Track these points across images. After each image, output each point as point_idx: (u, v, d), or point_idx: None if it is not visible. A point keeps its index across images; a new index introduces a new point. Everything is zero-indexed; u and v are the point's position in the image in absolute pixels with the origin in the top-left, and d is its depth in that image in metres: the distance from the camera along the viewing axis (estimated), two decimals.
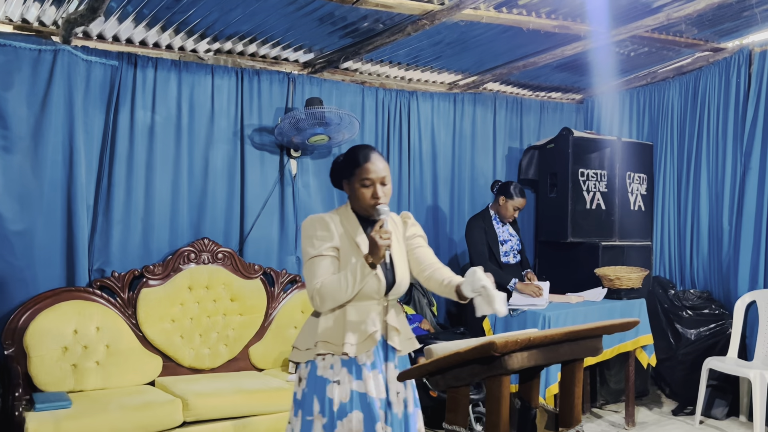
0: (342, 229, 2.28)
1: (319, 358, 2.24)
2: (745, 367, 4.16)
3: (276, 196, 4.44)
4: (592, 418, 4.52)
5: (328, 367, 2.23)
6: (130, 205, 3.95)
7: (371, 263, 2.12)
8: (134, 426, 3.18)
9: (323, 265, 2.22)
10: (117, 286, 3.82)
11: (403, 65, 4.81)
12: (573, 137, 4.96)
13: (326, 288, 2.18)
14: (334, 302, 2.19)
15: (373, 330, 2.21)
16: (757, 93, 4.54)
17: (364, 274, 2.13)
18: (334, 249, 2.24)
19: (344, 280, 2.15)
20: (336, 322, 2.23)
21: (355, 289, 2.15)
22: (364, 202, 2.25)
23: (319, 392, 2.22)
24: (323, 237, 2.24)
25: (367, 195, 2.25)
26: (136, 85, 3.97)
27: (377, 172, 2.24)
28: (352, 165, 2.27)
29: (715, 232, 4.84)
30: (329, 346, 2.22)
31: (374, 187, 2.24)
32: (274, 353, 4.19)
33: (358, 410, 2.17)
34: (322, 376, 2.23)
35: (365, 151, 2.30)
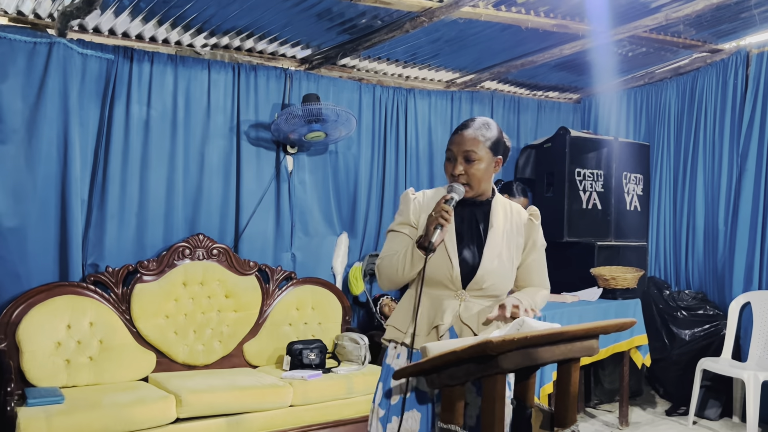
0: (428, 206, 2.07)
1: (391, 345, 2.09)
2: (739, 368, 4.17)
3: (272, 192, 4.43)
4: (585, 418, 4.53)
5: (395, 356, 2.07)
6: (124, 200, 3.93)
7: (420, 244, 1.94)
8: (127, 422, 3.16)
9: (393, 241, 2.07)
10: (111, 282, 3.80)
11: (400, 62, 4.79)
12: (570, 137, 4.95)
13: (383, 265, 2.05)
14: (390, 282, 2.05)
15: (438, 323, 2.00)
16: (754, 95, 4.55)
17: (414, 257, 1.95)
18: (407, 226, 2.07)
19: (397, 260, 2.00)
20: (408, 307, 2.06)
21: (407, 270, 1.97)
22: (447, 176, 2.06)
23: (384, 381, 2.07)
24: (402, 212, 2.10)
25: (448, 169, 2.05)
26: (132, 79, 3.94)
27: (460, 144, 2.01)
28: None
29: (711, 233, 4.85)
30: (395, 332, 2.07)
31: (455, 162, 2.02)
32: (268, 350, 4.18)
33: (416, 409, 1.98)
34: (389, 365, 2.08)
35: (465, 122, 2.08)
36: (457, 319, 2.00)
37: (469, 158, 2.00)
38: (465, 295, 2.01)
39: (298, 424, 3.65)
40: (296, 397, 3.65)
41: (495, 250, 2.03)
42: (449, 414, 1.82)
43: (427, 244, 1.91)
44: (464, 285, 2.00)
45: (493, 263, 2.01)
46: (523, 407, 1.99)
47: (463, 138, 2.01)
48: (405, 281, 2.03)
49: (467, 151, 2.00)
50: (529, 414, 1.99)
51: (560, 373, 1.90)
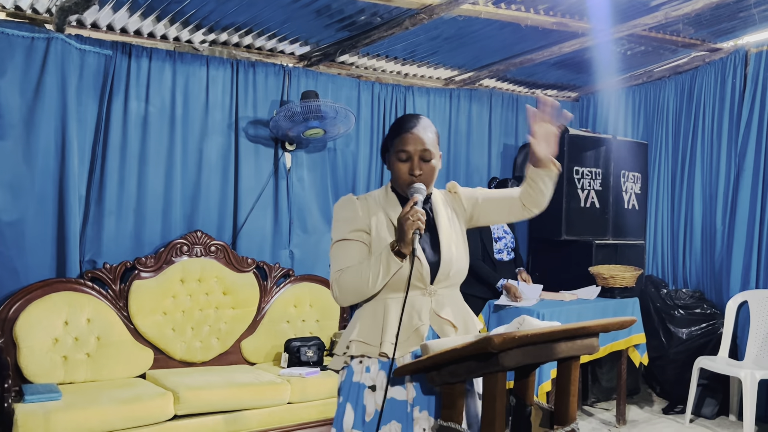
0: (376, 209, 1.98)
1: (356, 361, 1.94)
2: (736, 367, 4.18)
3: (270, 189, 4.42)
4: (583, 416, 4.53)
5: (364, 370, 1.93)
6: (122, 196, 3.92)
7: (397, 251, 1.83)
8: (125, 419, 3.15)
9: (347, 250, 1.93)
10: (108, 278, 3.79)
11: (399, 60, 4.78)
12: (568, 135, 4.95)
13: (346, 278, 1.89)
14: (357, 295, 1.91)
15: (419, 324, 1.90)
16: (752, 94, 4.55)
17: (390, 264, 1.84)
18: (360, 233, 1.94)
19: (366, 270, 1.86)
20: (374, 318, 1.93)
21: (380, 280, 1.85)
22: (400, 179, 1.95)
23: (354, 400, 1.92)
24: (348, 219, 1.96)
25: (403, 170, 1.94)
26: (130, 75, 3.93)
27: (417, 143, 1.92)
28: (391, 135, 1.98)
29: (708, 232, 4.86)
30: (364, 347, 1.92)
31: (411, 162, 1.93)
32: (266, 347, 4.17)
33: (396, 420, 1.88)
34: (359, 382, 1.93)
35: (410, 119, 1.98)
36: (434, 316, 1.95)
37: (425, 157, 1.94)
38: (433, 289, 1.95)
39: (296, 422, 3.65)
40: (294, 394, 3.65)
41: (449, 238, 2.00)
42: (450, 411, 1.82)
43: (411, 250, 1.82)
44: (431, 280, 1.95)
45: (452, 251, 1.98)
46: (523, 405, 1.99)
47: (417, 137, 1.93)
48: (373, 292, 1.90)
49: (424, 151, 1.94)
50: (529, 412, 1.99)
51: (560, 371, 1.90)
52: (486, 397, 1.75)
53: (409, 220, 1.79)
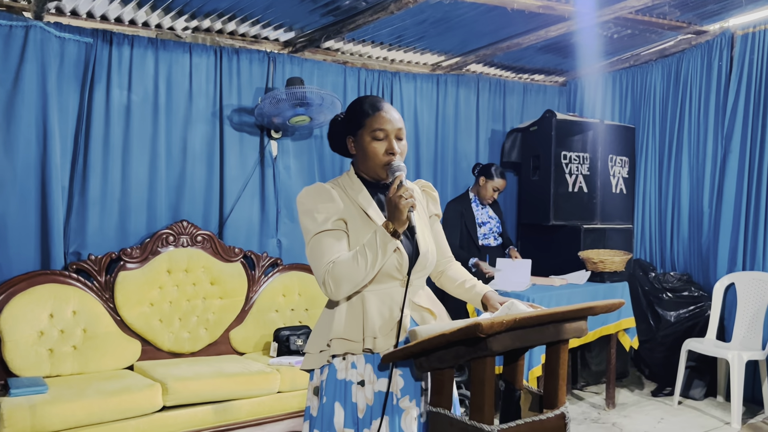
0: (347, 198, 1.91)
1: (338, 359, 1.88)
2: (724, 349, 4.21)
3: (256, 177, 4.37)
4: (573, 400, 4.55)
5: (350, 366, 1.87)
6: (106, 187, 3.86)
7: (393, 231, 1.78)
8: (113, 411, 3.13)
9: (331, 242, 1.84)
10: (94, 270, 3.74)
11: (385, 45, 4.74)
12: (556, 120, 4.94)
13: (340, 269, 1.79)
14: (352, 285, 1.81)
15: (400, 316, 1.85)
16: (738, 76, 4.55)
17: (386, 245, 1.78)
18: (341, 222, 1.87)
19: (362, 257, 1.78)
20: (353, 313, 1.86)
21: (377, 265, 1.79)
22: (376, 159, 1.88)
23: (342, 398, 1.86)
24: (326, 209, 1.86)
25: (380, 150, 1.87)
26: (112, 63, 3.86)
27: (393, 122, 1.88)
28: (360, 116, 1.90)
29: (696, 215, 4.88)
30: (347, 344, 1.85)
31: (389, 140, 1.88)
32: (255, 337, 4.15)
33: (387, 414, 1.84)
34: (345, 379, 1.87)
35: (374, 100, 1.93)
36: (413, 305, 1.92)
37: (399, 137, 1.90)
38: (410, 280, 1.89)
39: (286, 410, 3.63)
40: (284, 383, 3.63)
41: (422, 228, 1.96)
42: (438, 397, 1.81)
43: (409, 229, 1.80)
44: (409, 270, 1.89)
45: (427, 241, 1.94)
46: (512, 390, 1.98)
47: (393, 117, 1.89)
48: (369, 279, 1.82)
49: (399, 130, 1.90)
50: (518, 396, 1.98)
51: (549, 354, 1.89)
52: (475, 382, 1.74)
53: (403, 198, 1.76)
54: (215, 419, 3.41)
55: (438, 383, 1.81)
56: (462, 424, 1.74)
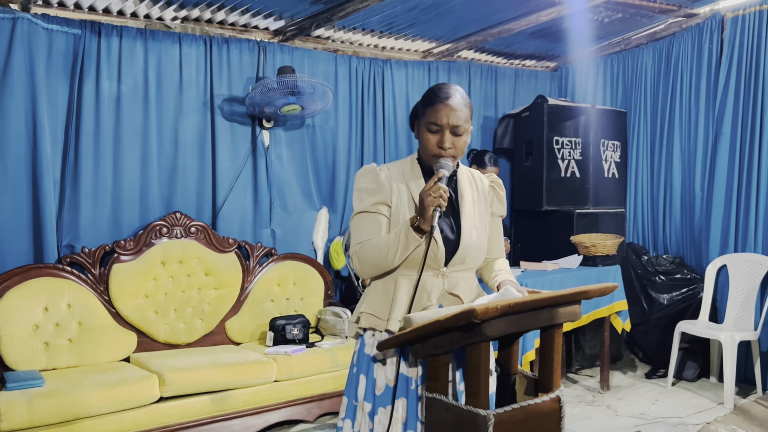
0: (400, 181, 1.92)
1: (368, 333, 1.93)
2: (716, 330, 4.25)
3: (249, 168, 4.36)
4: (567, 383, 4.59)
5: (375, 344, 1.90)
6: (98, 179, 3.85)
7: (416, 227, 1.79)
8: (109, 403, 3.13)
9: (368, 223, 1.89)
10: (88, 262, 3.74)
11: (376, 33, 4.72)
12: (548, 105, 4.94)
13: (365, 251, 1.86)
14: (375, 269, 1.88)
15: (428, 304, 1.87)
16: (729, 59, 4.56)
17: (408, 240, 1.79)
18: (383, 205, 1.90)
19: (385, 245, 1.82)
20: (385, 292, 1.91)
21: (398, 256, 1.82)
22: (428, 150, 1.89)
23: (366, 372, 1.92)
24: (371, 190, 1.90)
25: (432, 142, 1.88)
26: (101, 54, 3.83)
27: (449, 116, 1.85)
28: (424, 104, 1.91)
29: (688, 198, 4.90)
30: (373, 320, 1.91)
31: (442, 134, 1.87)
32: (251, 327, 4.16)
33: (404, 397, 1.86)
34: (370, 354, 1.92)
35: (446, 89, 1.89)
36: (445, 294, 1.91)
37: (457, 132, 1.87)
38: (447, 271, 1.91)
39: (283, 399, 3.66)
40: (280, 372, 3.65)
41: (471, 222, 1.94)
42: (434, 383, 1.82)
43: (430, 228, 1.77)
44: (446, 262, 1.90)
45: (472, 236, 1.93)
46: (507, 374, 2.00)
47: (452, 109, 1.86)
48: (392, 267, 1.87)
49: (457, 126, 1.87)
50: (513, 380, 2.00)
51: (543, 338, 1.90)
52: (470, 367, 1.75)
53: (431, 197, 1.74)
54: (212, 409, 3.43)
55: (434, 369, 1.82)
56: (458, 409, 1.76)
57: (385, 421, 1.86)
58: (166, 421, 3.29)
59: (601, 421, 3.85)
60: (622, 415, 3.97)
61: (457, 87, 1.93)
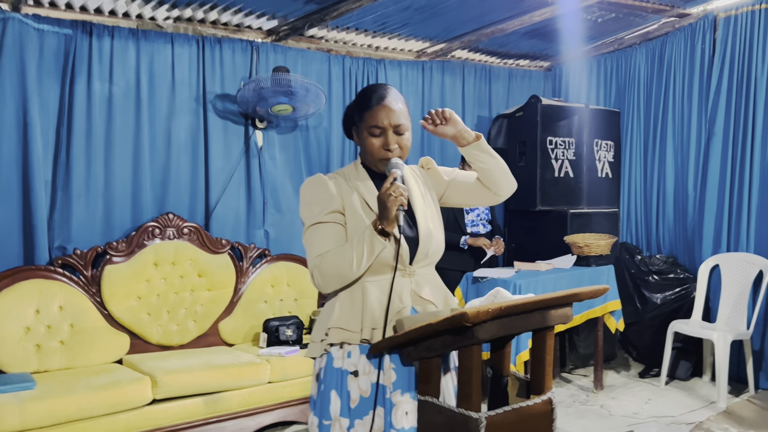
0: (349, 189, 1.89)
1: (335, 348, 1.87)
2: (709, 329, 4.26)
3: (242, 168, 4.35)
4: (561, 383, 4.60)
5: (345, 356, 1.85)
6: (90, 180, 3.83)
7: (381, 230, 1.76)
8: (102, 405, 3.12)
9: (325, 234, 1.83)
10: (79, 264, 3.72)
11: (370, 32, 4.71)
12: (541, 105, 4.94)
13: (328, 263, 1.79)
14: (340, 280, 1.82)
15: (401, 307, 1.83)
16: (721, 59, 4.57)
17: (374, 245, 1.76)
18: (336, 214, 1.85)
19: (349, 252, 1.78)
20: (352, 303, 1.84)
21: (365, 263, 1.78)
22: (374, 154, 1.87)
23: (339, 386, 1.86)
24: (322, 200, 1.86)
25: (377, 145, 1.86)
26: (92, 55, 3.81)
27: (390, 117, 1.84)
28: (362, 108, 1.88)
29: (681, 198, 4.91)
30: (345, 333, 1.83)
31: (385, 136, 1.85)
32: (244, 328, 4.15)
33: (381, 406, 1.82)
34: (340, 368, 1.86)
35: (379, 91, 1.88)
36: (415, 297, 1.88)
37: (400, 131, 1.86)
38: (413, 270, 1.88)
39: (277, 401, 3.65)
40: (274, 373, 3.64)
41: (424, 214, 1.93)
42: (426, 386, 1.82)
43: (398, 228, 1.75)
44: (410, 260, 1.87)
45: (428, 227, 1.91)
46: (500, 376, 2.00)
47: (390, 110, 1.85)
48: (358, 275, 1.81)
49: (399, 125, 1.86)
50: (506, 383, 2.00)
51: (535, 341, 1.90)
52: (462, 370, 1.75)
53: (392, 197, 1.72)
54: (206, 411, 3.42)
55: (426, 372, 1.82)
56: (450, 412, 1.75)
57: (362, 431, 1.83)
58: (158, 423, 3.28)
59: (594, 421, 3.86)
60: (615, 414, 3.98)
61: (389, 86, 1.92)
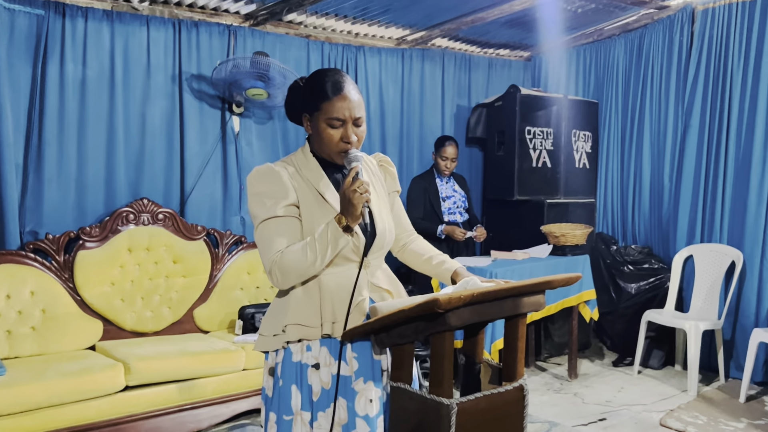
0: (300, 179, 1.83)
1: (293, 342, 1.83)
2: (681, 319, 4.32)
3: (218, 154, 4.30)
4: (536, 371, 4.64)
5: (305, 349, 1.82)
6: (62, 164, 3.76)
7: (345, 226, 1.72)
8: (73, 392, 3.08)
9: (283, 229, 1.77)
10: (52, 249, 3.66)
11: (349, 18, 4.67)
12: (520, 95, 4.95)
13: (288, 260, 1.73)
14: (300, 277, 1.77)
15: (359, 299, 1.81)
16: (698, 51, 4.61)
17: (337, 240, 1.72)
18: (291, 207, 1.79)
19: (311, 250, 1.72)
20: (310, 297, 1.81)
21: (327, 259, 1.74)
22: (331, 147, 1.80)
23: (299, 380, 1.82)
24: (276, 193, 1.78)
25: (335, 138, 1.79)
26: (65, 36, 3.73)
27: (351, 109, 1.78)
28: (318, 97, 1.79)
29: (656, 189, 4.96)
30: (303, 329, 1.80)
31: (345, 128, 1.79)
32: (219, 315, 4.12)
33: (342, 396, 1.80)
34: (300, 361, 1.82)
35: (336, 78, 1.80)
36: (372, 287, 1.87)
37: (358, 123, 1.81)
38: (367, 261, 1.85)
39: (252, 388, 3.63)
40: (249, 360, 3.62)
41: (377, 206, 1.89)
42: (399, 372, 1.82)
43: (364, 224, 1.73)
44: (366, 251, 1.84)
45: (383, 219, 1.89)
46: (472, 363, 2.00)
47: (350, 101, 1.78)
48: (319, 271, 1.78)
49: (358, 117, 1.80)
50: (478, 370, 2.00)
51: (508, 328, 1.91)
52: (434, 357, 1.75)
53: (357, 193, 1.68)
54: (180, 398, 3.39)
55: (398, 358, 1.82)
56: (422, 398, 1.75)
57: (326, 425, 1.81)
58: (131, 410, 3.25)
59: (567, 409, 3.90)
60: (588, 402, 4.02)
61: (343, 72, 1.85)
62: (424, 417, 1.76)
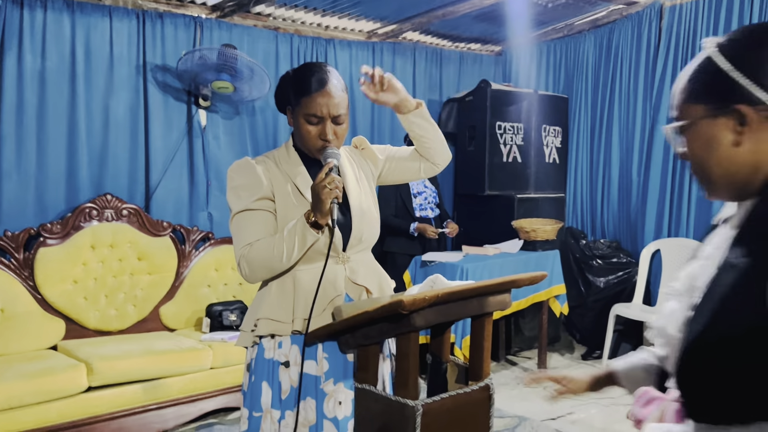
0: (279, 173, 1.81)
1: (266, 339, 1.81)
2: (649, 313, 4.37)
3: (184, 148, 4.22)
4: (506, 365, 4.66)
5: (276, 346, 1.80)
6: (21, 159, 3.65)
7: (313, 222, 1.70)
8: (33, 393, 3.00)
9: (253, 222, 1.77)
10: (10, 246, 3.55)
11: (319, 10, 4.61)
12: (491, 90, 4.95)
13: (256, 254, 1.73)
14: (268, 271, 1.76)
15: (334, 295, 1.79)
16: (666, 47, 4.65)
17: (306, 237, 1.70)
18: (265, 201, 1.78)
19: (279, 245, 1.71)
20: (283, 293, 1.79)
21: (295, 255, 1.72)
22: (309, 143, 1.80)
23: (270, 378, 1.81)
24: (250, 186, 1.78)
25: (313, 134, 1.78)
26: (24, 27, 3.62)
27: (330, 106, 1.76)
28: (299, 91, 1.77)
29: (625, 184, 5.00)
30: (274, 325, 1.78)
31: (323, 125, 1.77)
32: (186, 313, 4.05)
33: (311, 397, 1.79)
34: (272, 358, 1.81)
35: (320, 74, 1.77)
36: (349, 284, 1.84)
37: (338, 121, 1.79)
38: (347, 256, 1.84)
39: (219, 386, 3.58)
40: (216, 359, 3.57)
41: (358, 199, 1.87)
42: (364, 373, 1.79)
43: (331, 222, 1.68)
44: (344, 247, 1.83)
45: (363, 212, 1.86)
46: (439, 362, 1.98)
47: (331, 98, 1.76)
48: (287, 267, 1.76)
49: (339, 116, 1.78)
50: (445, 369, 1.99)
51: (474, 327, 1.90)
52: (399, 358, 1.73)
53: (326, 189, 1.65)
54: (144, 398, 3.33)
55: (363, 360, 1.79)
56: (386, 400, 1.73)
57: (291, 423, 1.78)
58: (94, 411, 3.18)
59: (537, 403, 3.92)
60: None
61: (330, 68, 1.83)
62: (389, 419, 1.74)
